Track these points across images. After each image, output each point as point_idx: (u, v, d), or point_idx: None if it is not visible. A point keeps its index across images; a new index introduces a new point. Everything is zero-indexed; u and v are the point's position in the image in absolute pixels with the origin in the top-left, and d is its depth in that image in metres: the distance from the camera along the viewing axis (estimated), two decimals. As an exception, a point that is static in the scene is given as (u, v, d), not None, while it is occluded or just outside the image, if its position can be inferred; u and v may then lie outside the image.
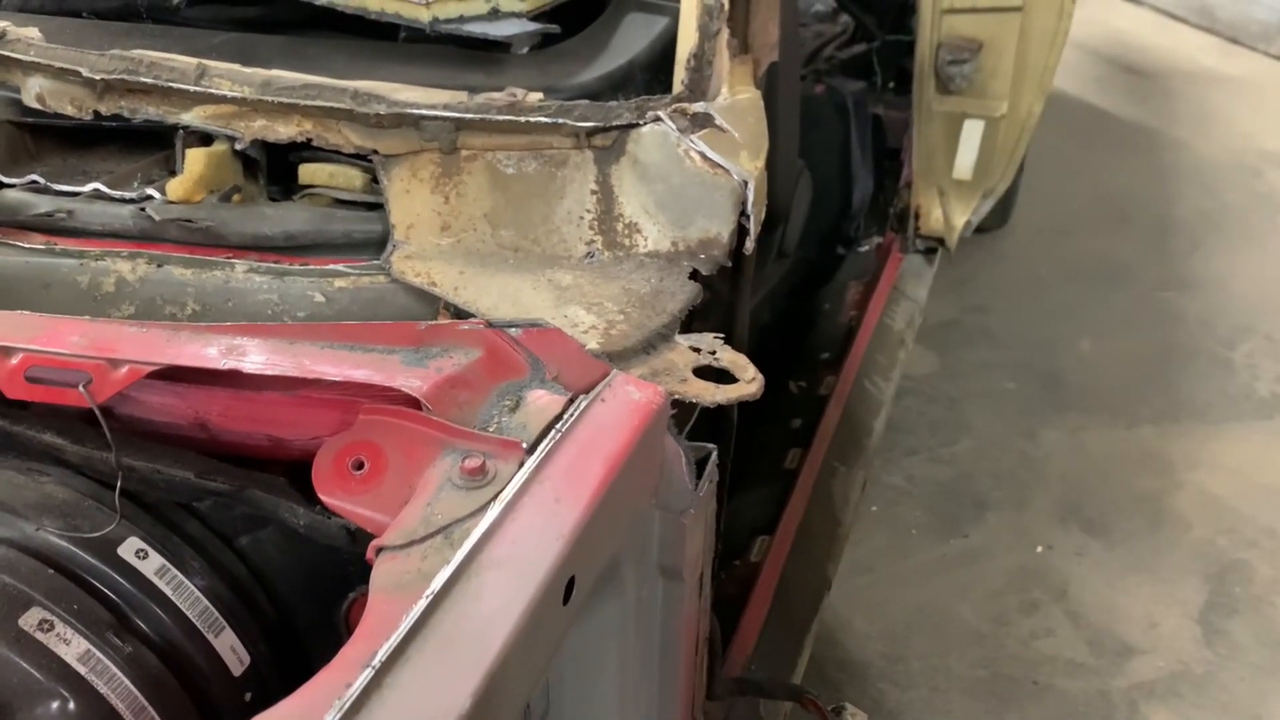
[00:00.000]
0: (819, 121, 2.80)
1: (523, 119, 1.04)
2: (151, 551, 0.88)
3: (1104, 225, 3.80)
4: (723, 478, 1.29)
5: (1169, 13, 5.39)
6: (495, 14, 1.13)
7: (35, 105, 1.07)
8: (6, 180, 1.12)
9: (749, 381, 0.92)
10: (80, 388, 0.77)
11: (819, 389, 2.28)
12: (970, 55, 2.49)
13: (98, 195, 1.10)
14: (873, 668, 2.44)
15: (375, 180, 1.07)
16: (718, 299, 1.20)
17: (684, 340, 0.97)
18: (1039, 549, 2.65)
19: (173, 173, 1.12)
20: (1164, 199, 3.95)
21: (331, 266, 1.04)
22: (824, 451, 2.13)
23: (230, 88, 1.04)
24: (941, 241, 2.63)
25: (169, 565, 0.88)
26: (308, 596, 0.96)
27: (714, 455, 0.96)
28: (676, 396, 0.89)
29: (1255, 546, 2.58)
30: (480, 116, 1.03)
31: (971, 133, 2.57)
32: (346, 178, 1.10)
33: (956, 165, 2.58)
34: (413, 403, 0.81)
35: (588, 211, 1.06)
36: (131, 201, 1.10)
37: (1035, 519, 2.73)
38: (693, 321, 1.14)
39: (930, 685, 2.34)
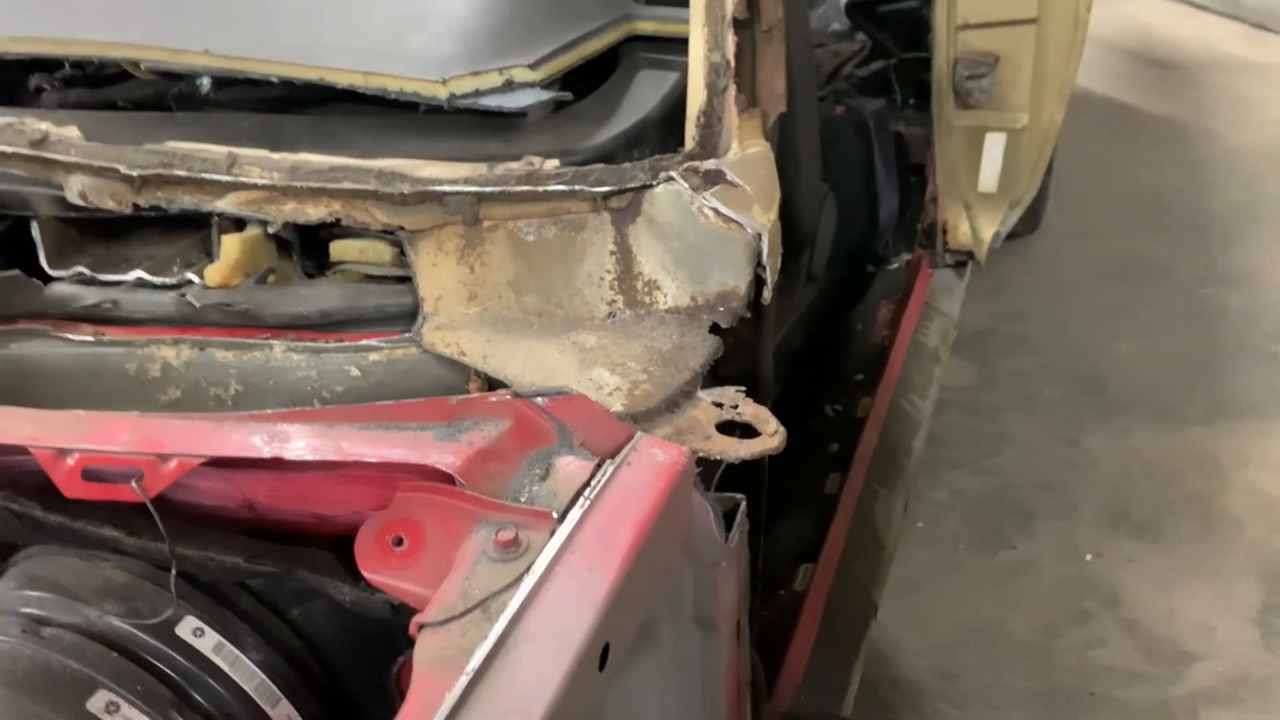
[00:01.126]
0: (840, 142, 2.82)
1: (540, 188, 1.07)
2: (208, 629, 0.92)
3: (1138, 223, 3.77)
4: (755, 523, 1.31)
5: (1193, 2, 5.35)
6: (510, 85, 1.17)
7: (78, 202, 1.12)
8: (54, 274, 1.17)
9: (771, 435, 0.94)
10: (133, 483, 0.81)
11: (855, 411, 2.30)
12: (987, 69, 2.49)
13: (140, 283, 1.15)
14: (927, 686, 2.43)
15: (404, 254, 1.11)
16: (741, 344, 1.22)
17: (706, 395, 0.99)
18: (1088, 557, 2.63)
19: (210, 255, 1.17)
20: (1198, 193, 3.91)
21: (365, 341, 1.08)
22: (863, 474, 2.15)
23: (260, 174, 1.09)
24: (971, 255, 2.63)
25: (225, 642, 0.92)
26: (359, 661, 1.00)
27: (743, 505, 0.99)
28: (701, 454, 0.92)
29: (1312, 545, 2.56)
30: (499, 189, 1.07)
31: (994, 146, 2.57)
32: (376, 252, 1.14)
33: (981, 178, 2.58)
34: (448, 478, 0.84)
35: (608, 272, 1.10)
36: (173, 287, 1.15)
37: (1083, 527, 2.72)
38: (718, 367, 1.17)
39: (986, 702, 2.33)
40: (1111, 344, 3.28)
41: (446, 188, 1.07)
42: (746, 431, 0.96)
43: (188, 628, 0.92)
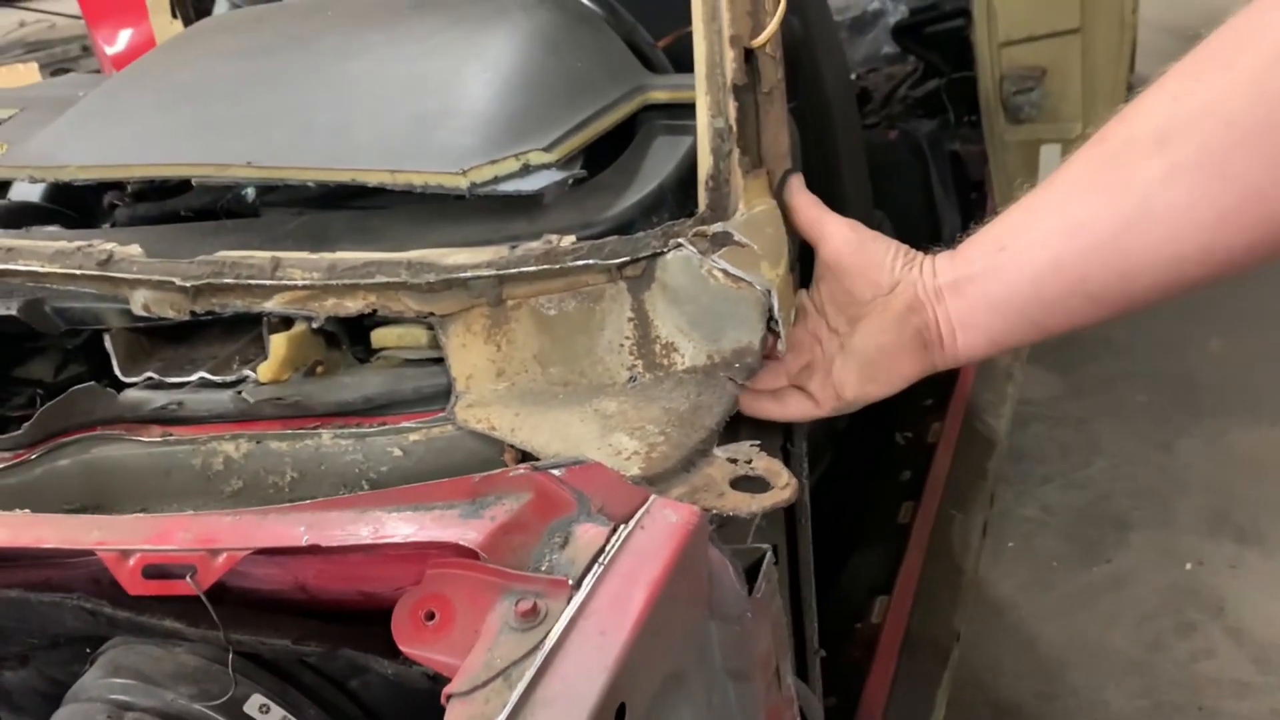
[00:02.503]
0: (897, 166, 2.83)
1: (558, 265, 1.13)
2: (273, 705, 1.00)
3: (1222, 215, 3.67)
4: (803, 562, 1.34)
5: (1269, -20, 5.17)
6: (526, 169, 1.24)
7: (142, 313, 1.22)
8: (127, 380, 1.28)
9: (782, 488, 0.97)
10: (188, 578, 0.89)
11: (926, 437, 2.30)
12: (1035, 83, 2.49)
13: (203, 383, 1.24)
14: (1028, 708, 2.40)
15: (437, 337, 1.18)
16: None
17: (721, 453, 1.03)
18: (1189, 565, 2.57)
19: (265, 350, 1.26)
20: (1285, 177, 3.79)
21: (405, 424, 1.15)
22: (937, 501, 2.14)
23: (301, 275, 1.17)
24: (1037, 268, 2.61)
25: (290, 716, 1.00)
26: None
27: (768, 556, 1.02)
28: (715, 512, 0.96)
29: None
30: (519, 269, 1.13)
31: (1050, 157, 2.56)
32: (413, 337, 1.21)
33: (1039, 191, 2.57)
34: (474, 553, 0.90)
35: (627, 339, 1.15)
36: (231, 384, 1.24)
37: (1182, 534, 2.66)
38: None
39: (1088, 722, 2.29)
40: (1202, 342, 3.20)
41: (470, 273, 1.14)
42: (761, 485, 1.00)
43: (254, 705, 0.99)
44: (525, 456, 1.10)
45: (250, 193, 1.41)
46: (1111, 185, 0.95)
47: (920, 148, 2.82)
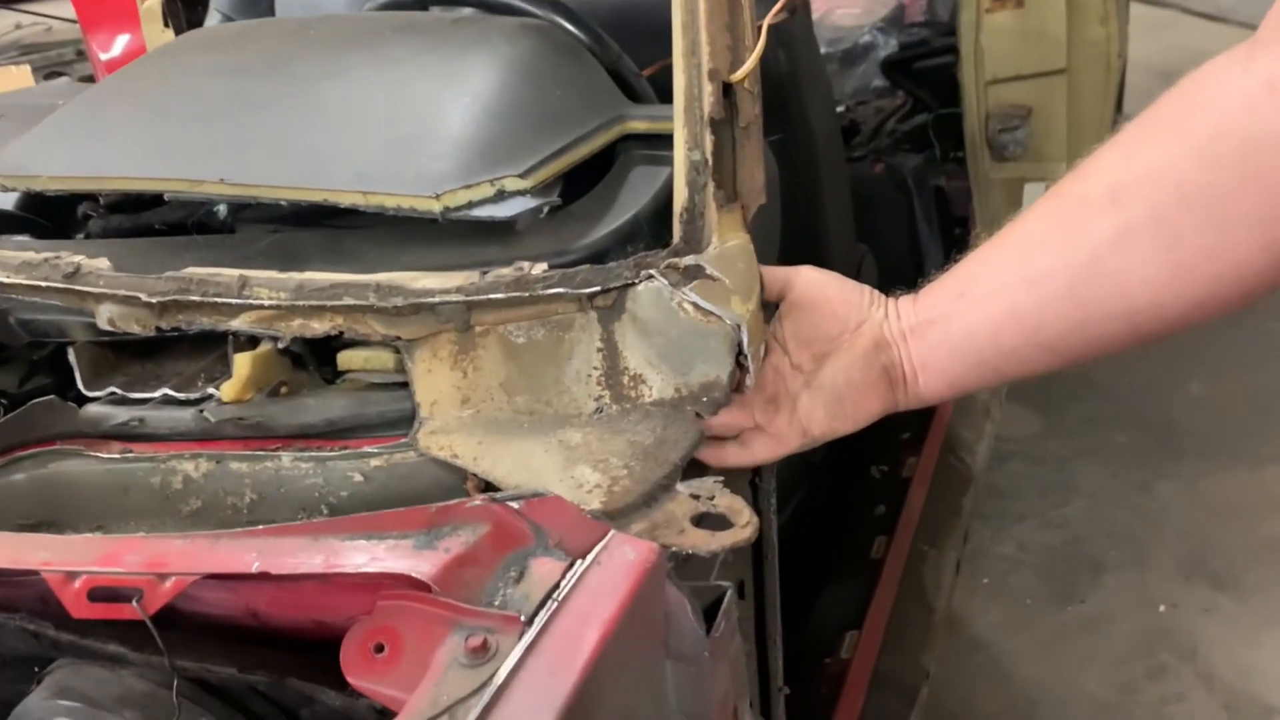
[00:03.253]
0: (882, 200, 2.84)
1: (528, 292, 1.12)
2: (220, 733, 0.98)
3: (1205, 258, 3.68)
4: (768, 597, 1.32)
5: (1254, 26, 5.23)
6: (501, 195, 1.23)
7: (107, 328, 1.20)
8: (89, 394, 1.26)
9: (743, 526, 0.96)
10: (133, 602, 0.88)
11: (902, 472, 2.29)
12: (1020, 122, 2.50)
13: (166, 400, 1.23)
14: (997, 749, 2.39)
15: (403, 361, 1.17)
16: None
17: (684, 488, 1.02)
18: (1162, 608, 2.56)
19: (230, 372, 1.25)
20: (1268, 223, 3.81)
21: (366, 449, 1.14)
22: (910, 536, 2.14)
23: (269, 295, 1.16)
24: (1018, 306, 2.61)
25: (238, 745, 0.98)
26: None
27: (728, 594, 1.01)
28: (674, 549, 0.95)
29: (1399, 587, 2.45)
30: (489, 296, 1.12)
31: (1034, 196, 2.56)
32: (379, 360, 1.20)
33: (1023, 230, 2.57)
34: (427, 585, 0.88)
35: (595, 369, 1.14)
36: (194, 403, 1.22)
37: (1156, 577, 2.65)
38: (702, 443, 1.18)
39: (1056, 765, 2.28)
40: (1182, 385, 3.21)
41: (439, 298, 1.13)
42: (722, 523, 0.99)
43: (201, 732, 0.98)
44: (488, 486, 1.09)
45: (223, 209, 1.40)
46: (1066, 240, 0.98)
47: (905, 182, 2.83)
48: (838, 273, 1.23)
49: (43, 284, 1.22)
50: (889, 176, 2.83)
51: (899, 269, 2.72)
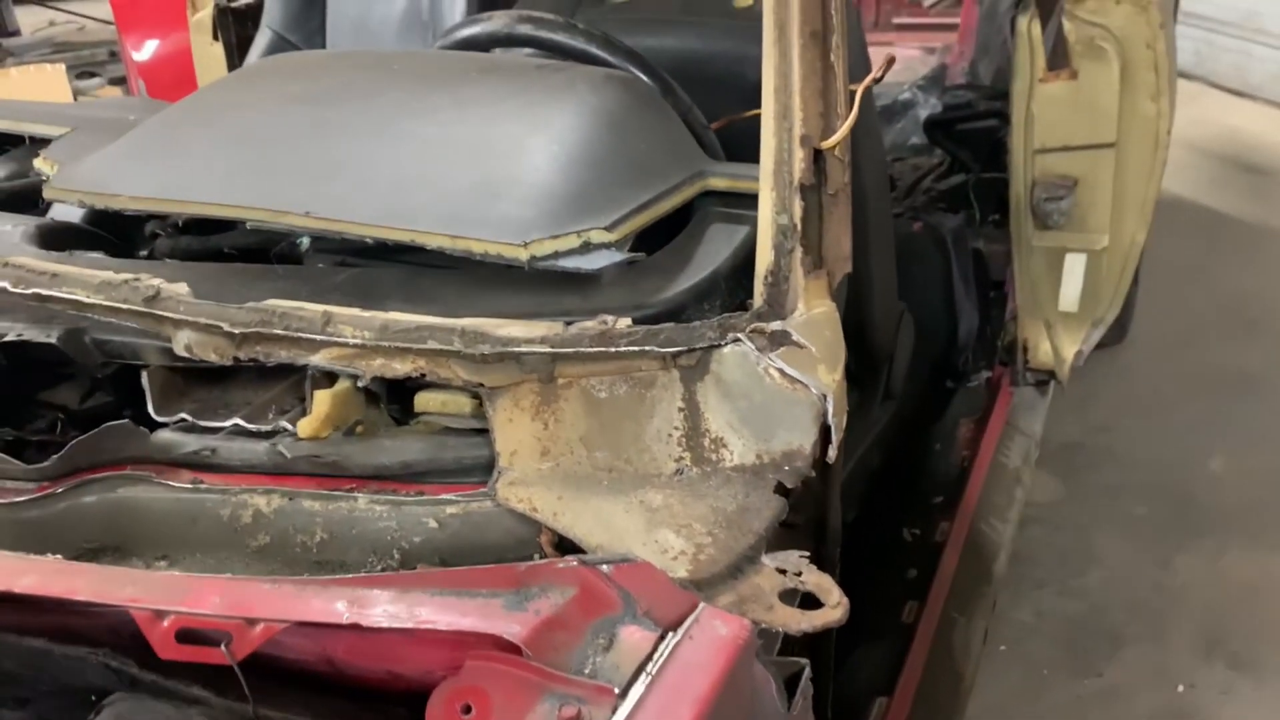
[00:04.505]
0: (919, 258, 2.84)
1: (613, 348, 1.12)
2: (286, 782, 0.96)
3: (1229, 333, 3.69)
4: (824, 677, 1.31)
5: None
6: (587, 247, 1.23)
7: (184, 355, 1.20)
8: (159, 419, 1.25)
9: (834, 606, 0.96)
10: (223, 647, 0.87)
11: (934, 535, 2.28)
12: (1066, 192, 2.50)
13: (238, 430, 1.22)
14: (1009, 821, 2.36)
15: (482, 406, 1.17)
16: (810, 492, 1.24)
17: (770, 561, 1.01)
18: (1180, 688, 2.54)
19: (303, 400, 1.24)
20: (1292, 301, 3.83)
21: (444, 495, 1.13)
22: (942, 602, 2.12)
23: (352, 333, 1.16)
24: (1052, 374, 2.61)
25: (297, 795, 0.96)
26: None
27: (806, 671, 1.00)
28: (763, 625, 0.94)
29: None
30: (574, 349, 1.12)
31: (1074, 266, 2.57)
32: (457, 405, 1.20)
33: (1062, 298, 2.58)
34: (516, 647, 0.88)
35: (676, 429, 1.13)
36: (267, 434, 1.21)
37: (1175, 654, 2.63)
38: (789, 513, 1.19)
39: (1070, 844, 2.26)
40: (1203, 460, 3.20)
41: (524, 348, 1.12)
42: (808, 600, 0.98)
43: (266, 780, 0.96)
44: (562, 541, 1.08)
45: (305, 242, 1.40)
46: None
47: (944, 242, 2.83)
48: (878, 327, 1.20)
49: (122, 306, 1.21)
50: (928, 235, 2.84)
51: (933, 329, 2.73)
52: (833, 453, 1.13)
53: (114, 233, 1.58)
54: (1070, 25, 2.33)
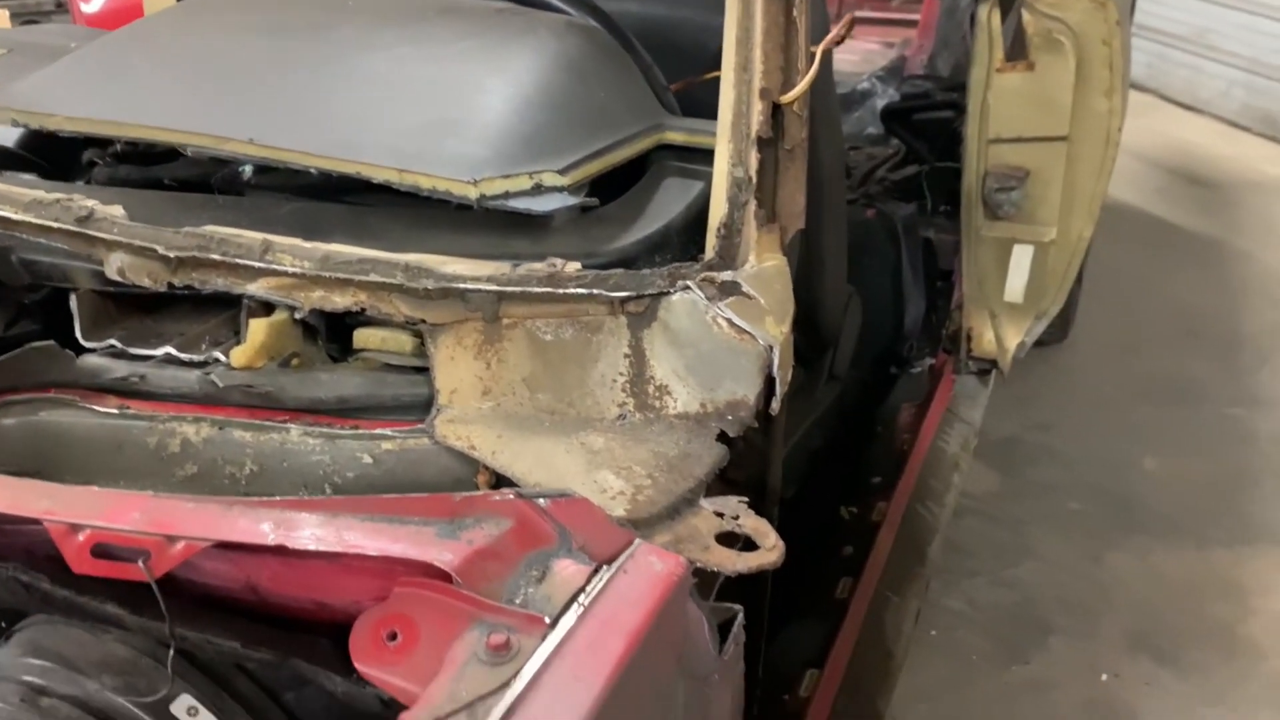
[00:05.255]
0: (870, 245, 2.85)
1: (561, 290, 1.10)
2: (202, 709, 0.93)
3: (1170, 340, 3.76)
4: (754, 632, 1.31)
5: (1232, 122, 5.39)
6: (538, 189, 1.21)
7: (116, 278, 1.16)
8: (88, 344, 1.21)
9: (769, 549, 0.95)
10: (140, 563, 0.83)
11: (871, 515, 2.28)
12: (1017, 183, 2.52)
13: (169, 359, 1.19)
14: (931, 803, 2.38)
15: (424, 345, 1.14)
16: (752, 449, 1.23)
17: (708, 505, 1.00)
18: (1105, 678, 2.58)
19: (238, 334, 1.21)
20: (1231, 313, 3.90)
21: (379, 430, 1.11)
22: (876, 581, 2.13)
23: (291, 263, 1.12)
24: (994, 363, 2.64)
25: (217, 722, 0.93)
26: None
27: (740, 617, 0.99)
28: (698, 565, 0.93)
29: (1334, 679, 2.50)
30: (521, 289, 1.10)
31: (1021, 257, 2.59)
32: (398, 342, 1.17)
33: (1007, 289, 2.60)
34: (446, 575, 0.85)
35: (620, 375, 1.12)
36: (199, 365, 1.18)
37: (1102, 646, 2.67)
38: (727, 471, 1.18)
39: (991, 825, 2.28)
40: (1140, 460, 3.25)
41: (469, 285, 1.10)
42: (746, 543, 0.97)
43: (182, 706, 0.93)
44: (500, 481, 1.06)
45: (248, 170, 1.36)
46: None
47: (896, 230, 2.84)
48: (827, 308, 1.21)
49: (53, 225, 1.17)
50: (880, 223, 2.85)
51: (881, 314, 2.74)
52: (776, 405, 1.12)
53: (50, 160, 1.53)
54: (1029, 17, 2.34)
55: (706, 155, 1.27)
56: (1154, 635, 2.68)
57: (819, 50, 1.26)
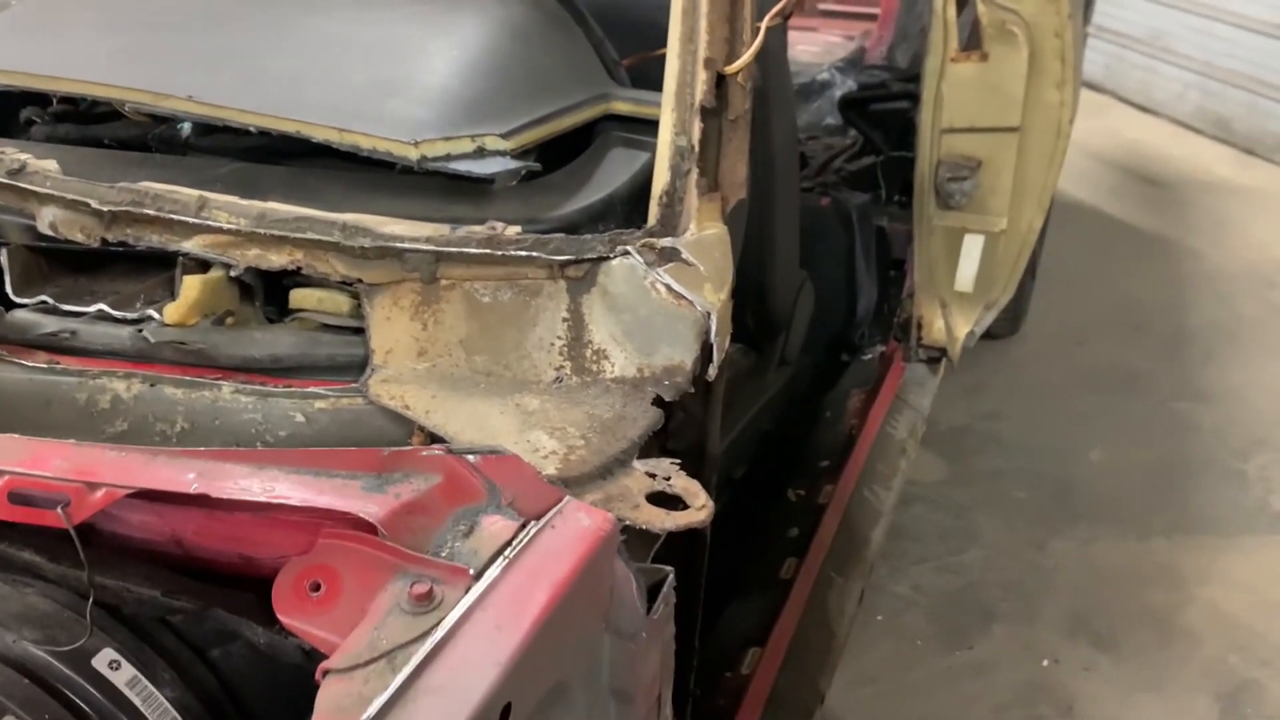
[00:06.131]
0: (824, 233, 2.87)
1: (499, 252, 1.10)
2: (124, 663, 0.92)
3: (1118, 334, 3.82)
4: (693, 595, 1.31)
5: (1185, 124, 5.47)
6: (480, 152, 1.21)
7: (48, 232, 1.14)
8: (18, 300, 1.19)
9: (698, 509, 0.95)
10: (58, 510, 0.82)
11: (817, 498, 2.30)
12: (969, 173, 2.55)
13: (101, 316, 1.17)
14: (873, 784, 2.40)
15: (360, 306, 1.13)
16: (691, 419, 1.24)
17: (641, 466, 1.01)
18: (1046, 662, 2.62)
19: (174, 295, 1.19)
20: (1178, 309, 3.97)
21: (312, 389, 1.10)
22: (820, 561, 2.14)
23: (227, 219, 1.11)
24: (944, 352, 2.66)
25: (140, 677, 0.92)
26: (276, 709, 0.99)
27: (670, 579, 1.00)
28: (627, 522, 0.93)
29: (1268, 665, 2.54)
30: (459, 250, 1.09)
31: (972, 247, 2.61)
32: (334, 303, 1.16)
33: (958, 278, 2.62)
34: (371, 528, 0.85)
35: (558, 338, 1.12)
36: (132, 322, 1.16)
37: (1043, 631, 2.71)
38: (667, 440, 1.18)
39: (930, 804, 2.31)
40: (1084, 451, 3.30)
41: (407, 245, 1.09)
42: (678, 504, 0.97)
43: (104, 660, 0.92)
44: (434, 440, 1.06)
45: (186, 128, 1.35)
46: None
47: (850, 218, 2.86)
48: (778, 292, 1.22)
49: (-17, 177, 1.15)
50: (835, 211, 2.87)
51: (834, 301, 2.75)
52: (713, 370, 1.12)
53: (-14, 118, 1.50)
54: (984, 8, 2.36)
55: (653, 126, 1.27)
56: (1094, 621, 2.72)
57: (764, 23, 1.27)
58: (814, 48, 4.02)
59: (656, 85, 1.34)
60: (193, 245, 1.13)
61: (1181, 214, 4.69)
